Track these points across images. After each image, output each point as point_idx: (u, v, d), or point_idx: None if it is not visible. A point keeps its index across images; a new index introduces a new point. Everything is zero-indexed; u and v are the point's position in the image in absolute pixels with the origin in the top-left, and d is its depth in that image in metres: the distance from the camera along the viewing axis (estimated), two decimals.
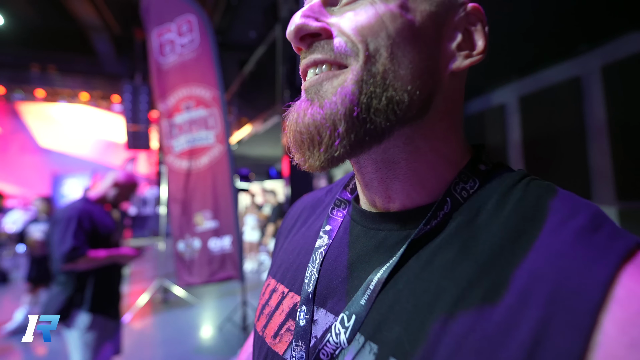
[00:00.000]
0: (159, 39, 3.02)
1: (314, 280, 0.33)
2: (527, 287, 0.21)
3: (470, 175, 0.29)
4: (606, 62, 2.52)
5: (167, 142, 2.97)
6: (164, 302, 4.27)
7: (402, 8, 0.26)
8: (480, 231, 0.25)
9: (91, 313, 1.58)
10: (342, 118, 0.25)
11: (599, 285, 0.20)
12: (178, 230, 2.86)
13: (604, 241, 0.22)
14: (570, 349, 0.19)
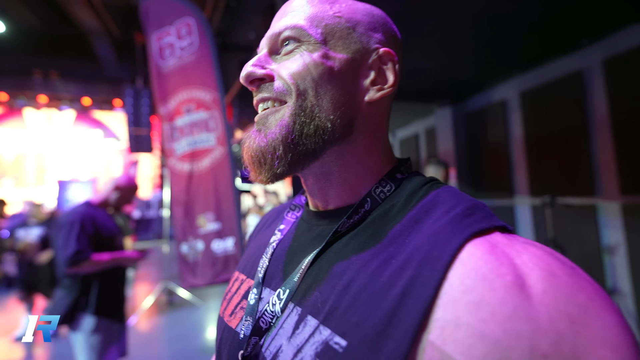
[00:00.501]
0: (158, 43, 3.03)
1: (264, 267, 0.41)
2: (409, 257, 0.29)
3: (388, 181, 0.37)
4: (607, 56, 2.50)
5: (168, 145, 2.98)
6: (169, 304, 4.29)
7: (323, 57, 0.35)
8: (389, 221, 0.33)
9: (96, 316, 1.59)
10: (280, 144, 0.34)
11: (451, 251, 0.27)
12: (181, 232, 2.87)
13: (468, 223, 0.29)
14: (425, 296, 0.26)
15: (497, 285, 0.24)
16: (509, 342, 0.22)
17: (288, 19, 0.37)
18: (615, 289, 2.47)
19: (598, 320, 0.23)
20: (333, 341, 0.28)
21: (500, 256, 0.26)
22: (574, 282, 0.24)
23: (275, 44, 0.38)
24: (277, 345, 0.32)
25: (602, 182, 2.56)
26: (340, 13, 0.37)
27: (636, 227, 2.35)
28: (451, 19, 2.24)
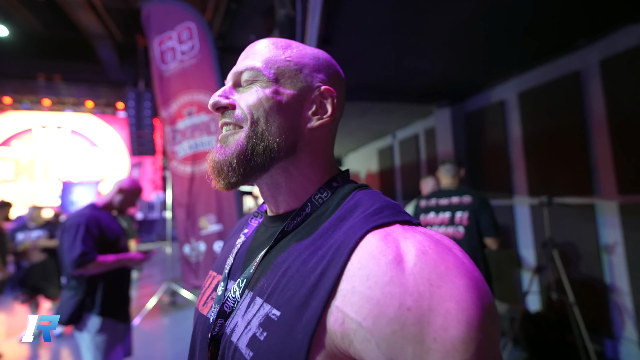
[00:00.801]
0: (160, 47, 3.08)
1: (229, 264, 0.50)
2: (329, 247, 0.37)
3: (325, 189, 0.46)
4: (605, 56, 2.51)
5: (170, 147, 3.03)
6: (172, 305, 4.34)
7: (274, 93, 0.44)
8: (322, 221, 0.42)
9: (101, 316, 1.63)
10: (235, 159, 0.42)
11: (355, 240, 0.36)
12: (184, 234, 2.91)
13: (374, 219, 0.38)
14: (334, 274, 0.35)
15: (382, 262, 0.33)
16: (385, 301, 0.31)
17: (249, 60, 0.46)
18: (613, 287, 2.49)
19: (450, 283, 0.31)
20: (271, 313, 0.37)
21: (389, 241, 0.35)
22: (439, 257, 0.33)
23: (238, 79, 0.46)
24: (235, 322, 0.41)
25: (600, 181, 2.57)
26: (290, 58, 0.46)
27: (634, 226, 2.36)
28: (449, 20, 2.27)
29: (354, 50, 2.62)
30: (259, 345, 0.36)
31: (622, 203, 2.43)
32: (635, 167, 2.34)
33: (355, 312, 0.32)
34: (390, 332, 0.30)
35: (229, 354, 0.39)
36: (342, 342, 0.33)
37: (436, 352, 0.29)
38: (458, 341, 0.29)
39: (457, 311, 0.29)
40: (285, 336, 0.34)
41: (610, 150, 2.48)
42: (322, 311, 0.33)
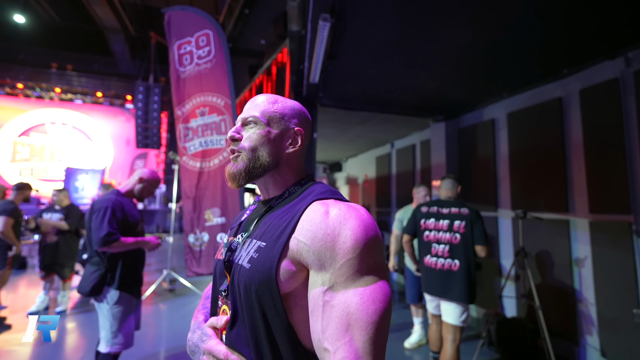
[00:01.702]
0: (178, 51, 3.32)
1: (234, 228, 0.82)
2: (294, 211, 0.66)
3: (297, 184, 0.75)
4: (585, 86, 2.76)
5: (182, 144, 3.26)
6: (170, 292, 4.54)
7: (266, 132, 0.73)
8: (292, 200, 0.71)
9: (119, 290, 1.85)
10: (243, 172, 0.72)
11: (306, 204, 0.65)
12: (189, 224, 3.14)
13: (320, 196, 0.67)
14: (294, 222, 0.64)
15: (318, 213, 0.61)
16: (317, 231, 0.59)
17: (252, 111, 0.75)
18: (581, 298, 2.71)
19: (349, 223, 0.58)
20: (260, 244, 0.65)
21: (324, 205, 0.63)
22: (347, 212, 0.60)
23: (245, 122, 0.75)
24: (240, 255, 0.68)
25: (574, 200, 2.81)
26: (276, 110, 0.76)
27: (602, 242, 2.60)
28: (447, 45, 2.51)
29: (357, 66, 2.86)
30: (254, 260, 0.64)
31: (592, 221, 2.66)
32: (606, 188, 2.58)
33: (303, 237, 0.60)
34: (319, 246, 0.58)
35: (237, 271, 0.66)
36: (297, 254, 0.60)
37: (339, 254, 0.56)
38: (350, 248, 0.56)
39: (351, 235, 0.57)
40: (267, 253, 0.63)
41: (585, 172, 2.72)
42: (287, 239, 0.62)
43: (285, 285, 0.60)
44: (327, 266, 0.57)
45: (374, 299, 0.54)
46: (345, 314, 0.53)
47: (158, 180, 2.16)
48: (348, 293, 0.54)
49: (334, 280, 0.56)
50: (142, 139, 10.99)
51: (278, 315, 0.59)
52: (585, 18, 2.09)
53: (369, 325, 0.52)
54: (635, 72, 2.41)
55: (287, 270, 0.60)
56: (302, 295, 0.61)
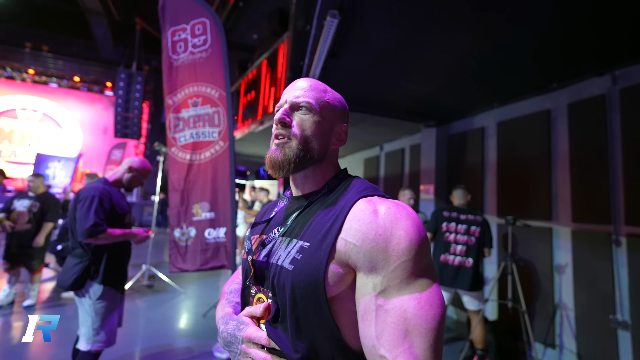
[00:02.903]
0: (172, 38, 3.19)
1: (261, 225, 0.78)
2: (337, 208, 0.62)
3: (335, 178, 0.71)
4: (573, 100, 2.88)
5: (172, 134, 3.13)
6: (149, 287, 4.36)
7: (319, 122, 0.68)
8: (332, 196, 0.68)
9: (103, 285, 1.74)
10: (293, 161, 0.66)
11: (352, 203, 0.61)
12: (176, 218, 3.01)
13: (362, 193, 0.63)
14: (341, 221, 0.60)
15: (366, 212, 0.58)
16: (368, 231, 0.56)
17: (304, 94, 0.69)
18: (560, 303, 2.82)
19: (401, 222, 0.56)
20: (304, 245, 0.61)
21: (371, 203, 0.60)
22: (397, 211, 0.57)
23: (295, 105, 0.69)
24: (278, 255, 0.64)
25: (558, 209, 2.92)
26: (328, 99, 0.71)
27: (582, 250, 2.71)
28: (444, 53, 2.55)
29: (357, 67, 2.85)
30: (297, 261, 0.60)
31: (574, 229, 2.78)
32: (588, 199, 2.70)
33: (352, 238, 0.57)
34: (370, 247, 0.55)
35: (276, 272, 0.62)
36: (344, 256, 0.57)
37: (393, 256, 0.53)
38: (405, 250, 0.53)
39: (404, 235, 0.54)
40: (313, 254, 0.59)
41: (569, 182, 2.83)
42: (334, 240, 0.58)
43: (333, 288, 0.57)
44: (379, 268, 0.54)
45: (432, 304, 0.51)
46: (402, 320, 0.50)
47: (149, 170, 2.05)
48: (403, 297, 0.51)
49: (386, 283, 0.53)
50: (121, 128, 10.56)
51: (325, 318, 0.56)
52: (577, 37, 2.18)
53: (428, 332, 0.49)
54: (621, 90, 2.54)
55: (335, 273, 0.57)
56: (347, 298, 0.58)
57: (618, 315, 2.43)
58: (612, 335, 2.45)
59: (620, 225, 2.48)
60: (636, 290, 2.36)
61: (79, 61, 11.41)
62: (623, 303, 2.42)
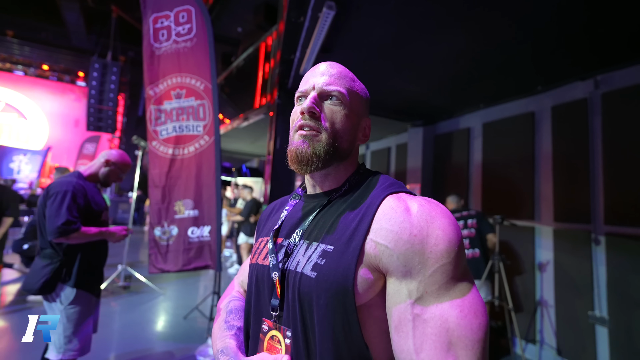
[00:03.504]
0: (154, 25, 3.01)
1: (271, 228, 0.68)
2: (362, 206, 0.56)
3: (355, 174, 0.65)
4: (556, 103, 2.96)
5: (152, 127, 2.95)
6: (124, 289, 4.14)
7: (348, 116, 0.61)
8: (355, 193, 0.61)
9: (76, 288, 1.59)
10: (322, 154, 0.59)
11: (380, 200, 0.55)
12: (156, 216, 2.85)
13: (389, 189, 0.57)
14: (368, 220, 0.53)
15: (398, 210, 0.52)
16: (401, 232, 0.50)
17: (335, 82, 0.62)
18: (542, 300, 2.90)
19: (438, 221, 0.50)
20: (327, 248, 0.54)
21: (401, 200, 0.54)
22: (431, 207, 0.52)
23: (324, 94, 0.61)
24: (297, 261, 0.57)
25: (540, 209, 3.00)
26: (358, 89, 0.64)
27: (563, 249, 2.80)
28: (436, 52, 2.54)
29: (349, 63, 2.76)
30: (320, 267, 0.53)
31: (556, 229, 2.86)
32: (569, 199, 2.78)
33: (383, 239, 0.51)
34: (404, 250, 0.49)
35: (296, 280, 0.55)
36: (374, 259, 0.51)
37: (431, 258, 0.48)
38: (444, 251, 0.48)
39: (442, 235, 0.49)
40: (339, 259, 0.52)
41: (552, 183, 2.91)
42: (362, 242, 0.51)
43: (363, 296, 0.50)
44: (415, 273, 0.48)
45: (476, 312, 0.45)
46: (443, 331, 0.44)
47: (128, 164, 1.91)
48: (444, 305, 0.46)
49: (423, 289, 0.47)
50: (94, 121, 10.02)
51: (353, 333, 0.49)
52: (562, 42, 2.24)
53: (475, 344, 0.44)
54: (602, 94, 2.63)
55: (365, 279, 0.50)
56: (376, 305, 0.52)
57: (596, 312, 2.52)
58: (590, 331, 2.54)
59: (599, 225, 2.57)
60: (614, 288, 2.45)
61: (49, 48, 10.71)
62: (601, 300, 2.51)
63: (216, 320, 0.70)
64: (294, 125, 0.62)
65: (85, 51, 10.80)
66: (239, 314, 0.69)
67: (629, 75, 2.49)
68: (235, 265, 5.67)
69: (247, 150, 7.94)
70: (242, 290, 0.77)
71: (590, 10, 1.90)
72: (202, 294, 4.24)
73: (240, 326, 0.67)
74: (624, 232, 2.42)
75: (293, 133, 0.62)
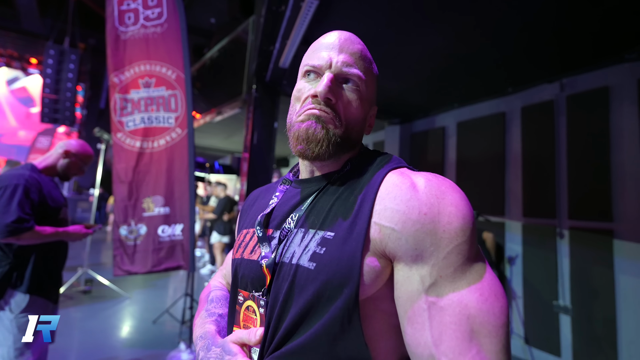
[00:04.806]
0: (119, 7, 2.79)
1: (256, 217, 0.61)
2: (362, 186, 0.51)
3: (357, 156, 0.59)
4: (525, 104, 3.11)
5: (117, 117, 2.73)
6: (85, 294, 3.83)
7: (363, 104, 0.56)
8: (357, 172, 0.55)
9: (29, 294, 1.42)
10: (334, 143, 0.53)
11: (381, 177, 0.50)
12: (122, 214, 2.64)
13: (390, 165, 0.53)
14: (370, 200, 0.48)
15: (402, 187, 0.47)
16: (409, 211, 0.45)
17: (357, 66, 0.55)
18: (511, 292, 3.04)
19: (449, 196, 0.45)
20: (326, 235, 0.48)
21: (404, 176, 0.49)
22: (439, 182, 0.47)
23: (343, 76, 0.55)
24: (292, 251, 0.50)
25: (510, 205, 3.13)
26: (375, 73, 0.59)
27: (531, 243, 2.94)
28: (412, 52, 2.57)
29: None
30: (320, 257, 0.47)
31: (524, 224, 3.00)
32: (537, 196, 2.93)
33: (389, 222, 0.45)
34: (414, 231, 0.43)
35: (290, 273, 0.48)
36: (380, 244, 0.45)
37: (444, 238, 0.43)
38: (458, 229, 0.43)
39: (456, 212, 0.44)
40: (341, 246, 0.46)
41: (521, 180, 3.05)
42: (367, 227, 0.46)
43: (369, 288, 0.45)
44: (427, 256, 0.42)
45: (496, 294, 0.41)
46: (464, 318, 0.39)
47: (90, 155, 1.73)
48: (462, 290, 0.41)
49: (437, 274, 0.42)
50: (49, 112, 9.22)
51: (351, 330, 0.43)
52: (531, 47, 2.35)
53: (499, 330, 0.39)
54: (567, 97, 2.78)
55: (372, 268, 0.45)
56: (384, 296, 0.46)
57: (560, 301, 2.68)
58: (555, 320, 2.69)
59: (564, 220, 2.73)
60: (576, 278, 2.61)
61: None
62: (565, 290, 2.67)
63: (197, 312, 0.65)
64: (301, 107, 0.55)
65: (39, 36, 9.90)
66: (221, 303, 0.64)
67: (591, 79, 2.65)
68: (208, 266, 5.45)
69: (220, 146, 7.68)
70: (226, 282, 0.71)
71: (558, 19, 2.01)
72: (172, 297, 4.02)
73: (221, 313, 0.62)
74: (586, 226, 2.59)
75: (297, 116, 0.55)
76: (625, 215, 2.37)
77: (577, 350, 2.54)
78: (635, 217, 2.32)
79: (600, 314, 2.44)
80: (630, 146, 2.39)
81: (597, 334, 2.44)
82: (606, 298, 2.40)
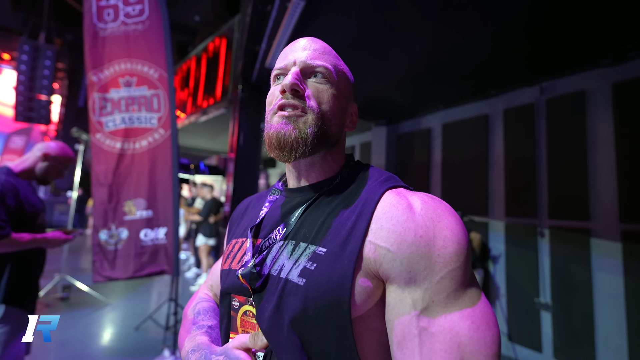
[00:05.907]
0: (98, 2, 2.69)
1: (247, 228, 0.60)
2: (358, 202, 0.50)
3: (346, 166, 0.59)
4: (508, 107, 3.19)
5: (96, 117, 2.63)
6: (63, 300, 3.68)
7: (336, 95, 0.55)
8: (347, 186, 0.54)
9: (5, 304, 1.34)
10: (310, 140, 0.51)
11: (378, 196, 0.49)
12: (102, 217, 2.55)
13: (387, 184, 0.52)
14: (366, 219, 0.47)
15: (399, 208, 0.47)
16: (404, 232, 0.44)
17: (319, 57, 0.55)
18: (495, 290, 3.12)
19: (445, 220, 0.45)
20: (318, 250, 0.47)
21: (401, 196, 0.49)
22: (435, 205, 0.47)
23: (309, 70, 0.55)
24: (280, 264, 0.50)
25: (493, 205, 3.21)
26: (344, 69, 0.59)
27: (513, 242, 3.02)
28: (398, 54, 2.59)
29: None
30: (310, 273, 0.46)
31: (507, 223, 3.08)
32: (519, 196, 3.01)
33: (384, 242, 0.45)
34: (409, 253, 0.43)
35: (278, 288, 0.48)
36: (374, 265, 0.45)
37: (438, 263, 0.42)
38: (453, 254, 0.43)
39: (451, 236, 0.44)
40: (333, 264, 0.45)
41: (504, 181, 3.13)
42: (361, 245, 0.45)
43: (360, 308, 0.44)
44: (420, 280, 0.42)
45: (488, 322, 0.41)
46: (454, 346, 0.39)
47: (70, 157, 1.66)
48: (453, 316, 0.40)
49: (429, 298, 0.41)
50: (23, 111, 8.82)
51: (345, 349, 0.43)
52: (512, 51, 2.42)
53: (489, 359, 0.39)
54: (547, 100, 2.87)
55: (364, 288, 0.44)
56: (374, 315, 0.46)
57: (541, 298, 2.76)
58: (536, 316, 2.78)
59: (544, 219, 2.81)
60: (556, 275, 2.70)
61: None
62: (545, 287, 2.75)
63: (182, 326, 0.62)
64: (272, 107, 0.54)
65: (12, 30, 9.45)
66: (209, 314, 0.62)
67: (569, 84, 2.75)
68: (193, 269, 5.34)
69: (205, 147, 7.54)
70: (213, 294, 0.69)
71: (535, 24, 2.07)
72: (156, 302, 3.91)
73: (211, 325, 0.59)
74: (565, 225, 2.68)
75: (271, 116, 0.54)
76: (601, 215, 2.47)
77: (557, 345, 2.62)
78: (609, 217, 2.42)
79: (578, 310, 2.53)
80: (604, 149, 2.49)
81: (576, 330, 2.53)
82: (584, 294, 2.50)
